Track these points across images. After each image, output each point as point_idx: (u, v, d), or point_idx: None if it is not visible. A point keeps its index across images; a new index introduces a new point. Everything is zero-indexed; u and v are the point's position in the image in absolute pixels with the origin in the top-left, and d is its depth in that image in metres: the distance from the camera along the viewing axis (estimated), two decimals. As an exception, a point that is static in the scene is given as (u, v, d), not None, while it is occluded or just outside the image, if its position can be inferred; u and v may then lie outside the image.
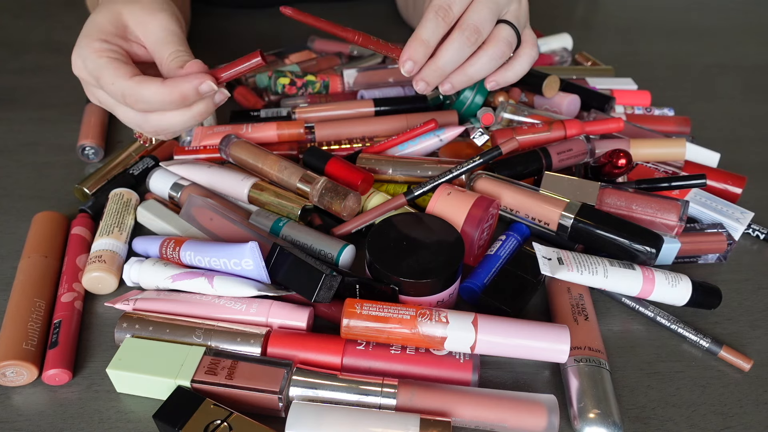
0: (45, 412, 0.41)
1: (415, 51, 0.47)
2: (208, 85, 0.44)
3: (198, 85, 0.44)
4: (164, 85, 0.43)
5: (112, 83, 0.44)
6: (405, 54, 0.47)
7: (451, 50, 0.47)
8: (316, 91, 0.69)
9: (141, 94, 0.43)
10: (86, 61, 0.45)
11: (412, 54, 0.47)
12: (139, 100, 0.44)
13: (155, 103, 0.44)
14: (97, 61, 0.44)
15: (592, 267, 0.45)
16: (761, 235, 0.56)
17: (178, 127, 0.47)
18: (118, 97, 0.44)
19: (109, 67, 0.44)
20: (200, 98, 0.45)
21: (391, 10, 0.96)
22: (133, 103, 0.44)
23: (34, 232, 0.52)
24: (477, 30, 0.47)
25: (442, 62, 0.47)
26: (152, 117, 0.46)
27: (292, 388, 0.40)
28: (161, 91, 0.43)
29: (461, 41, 0.47)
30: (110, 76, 0.44)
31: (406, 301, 0.44)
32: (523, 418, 0.39)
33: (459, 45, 0.47)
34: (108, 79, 0.44)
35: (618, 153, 0.53)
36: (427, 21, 0.47)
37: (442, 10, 0.47)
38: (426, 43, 0.47)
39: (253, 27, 0.90)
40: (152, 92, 0.43)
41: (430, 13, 0.47)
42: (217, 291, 0.44)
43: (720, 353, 0.45)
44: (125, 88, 0.43)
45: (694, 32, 0.95)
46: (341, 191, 0.51)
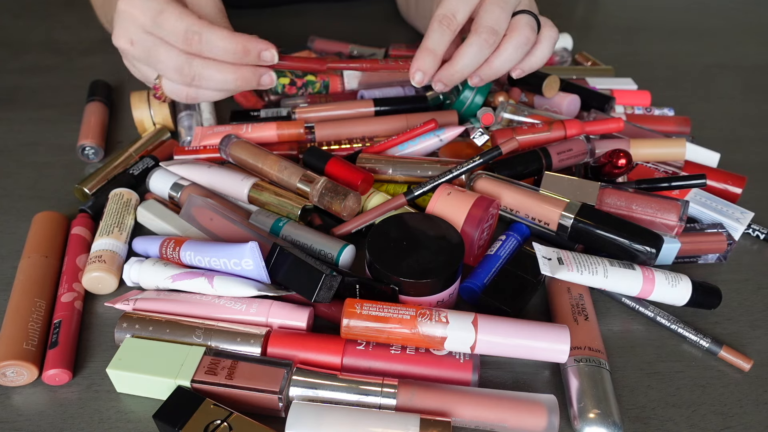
0: (45, 412, 0.41)
1: (423, 62, 0.48)
2: (271, 53, 0.46)
3: (264, 49, 0.45)
4: (232, 35, 0.44)
5: (178, 19, 0.44)
6: (414, 65, 0.49)
7: (470, 54, 0.48)
8: (316, 91, 0.70)
9: (208, 34, 0.44)
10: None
11: (420, 65, 0.48)
12: (202, 40, 0.44)
13: (216, 48, 0.45)
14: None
15: (592, 267, 0.45)
16: (761, 235, 0.56)
17: (213, 84, 0.47)
18: (178, 33, 0.44)
19: (173, 5, 0.44)
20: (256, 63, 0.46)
21: (391, 10, 0.96)
22: (194, 42, 0.44)
23: (34, 232, 0.52)
24: (493, 31, 0.47)
25: (461, 66, 0.48)
26: (196, 62, 0.46)
27: (292, 388, 0.40)
28: (228, 38, 0.44)
29: (479, 44, 0.47)
30: (176, 12, 0.44)
31: (406, 301, 0.44)
32: (523, 418, 0.39)
33: (477, 48, 0.48)
34: (172, 14, 0.44)
35: (618, 153, 0.53)
36: (432, 31, 0.48)
37: (446, 18, 0.48)
38: (433, 52, 0.48)
39: (253, 27, 0.90)
40: (219, 36, 0.44)
41: (434, 23, 0.48)
42: (217, 291, 0.44)
43: (720, 353, 0.45)
44: (192, 25, 0.44)
45: (694, 32, 0.95)
46: (341, 191, 0.51)
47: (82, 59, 0.82)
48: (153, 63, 0.47)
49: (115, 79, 0.76)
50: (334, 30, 0.87)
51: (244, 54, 0.45)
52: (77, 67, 0.80)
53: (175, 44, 0.45)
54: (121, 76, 0.76)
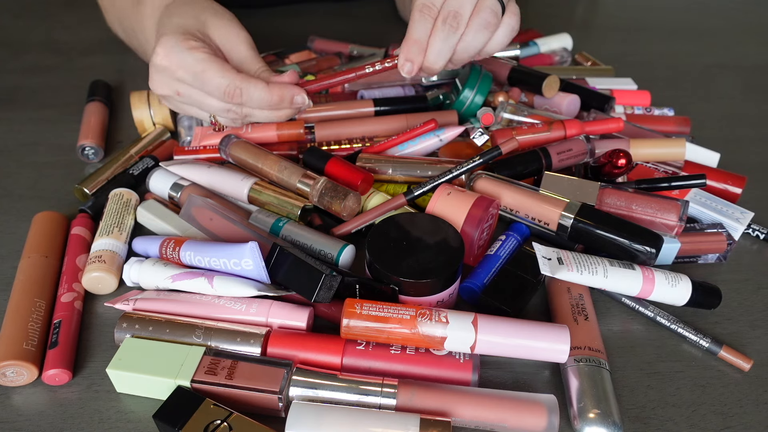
0: (45, 412, 0.41)
1: (409, 52, 0.49)
2: (302, 98, 0.52)
3: (295, 95, 0.51)
4: (268, 88, 0.50)
5: (221, 76, 0.49)
6: (402, 57, 0.50)
7: (438, 42, 0.49)
8: (316, 92, 0.69)
9: (247, 88, 0.49)
10: (184, 55, 0.49)
11: (408, 56, 0.50)
12: (243, 94, 0.50)
13: (255, 99, 0.50)
14: (196, 56, 0.49)
15: (592, 267, 0.45)
16: (761, 235, 0.56)
17: (262, 119, 0.54)
18: (221, 89, 0.49)
19: (214, 62, 0.49)
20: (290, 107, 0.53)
21: (391, 10, 0.96)
22: (235, 96, 0.50)
23: (34, 232, 0.52)
24: (456, 15, 0.48)
25: (433, 55, 0.49)
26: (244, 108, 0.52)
27: (292, 388, 0.40)
28: (265, 91, 0.50)
29: (444, 30, 0.48)
30: (217, 71, 0.49)
31: (406, 301, 0.44)
32: (523, 418, 0.39)
33: (443, 35, 0.49)
34: (214, 73, 0.49)
35: (618, 153, 0.53)
36: (414, 21, 0.49)
37: (426, 7, 0.49)
38: (418, 42, 0.49)
39: (253, 27, 0.89)
40: (258, 90, 0.50)
41: (415, 12, 0.49)
42: (217, 291, 0.44)
43: (720, 353, 0.45)
44: (234, 81, 0.49)
45: (694, 32, 0.95)
46: (341, 191, 0.51)
47: (82, 59, 0.82)
48: (204, 108, 0.53)
49: (115, 79, 0.76)
50: (334, 30, 0.87)
51: (280, 102, 0.51)
52: (77, 67, 0.80)
53: (219, 98, 0.51)
54: (121, 76, 0.76)
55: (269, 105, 0.51)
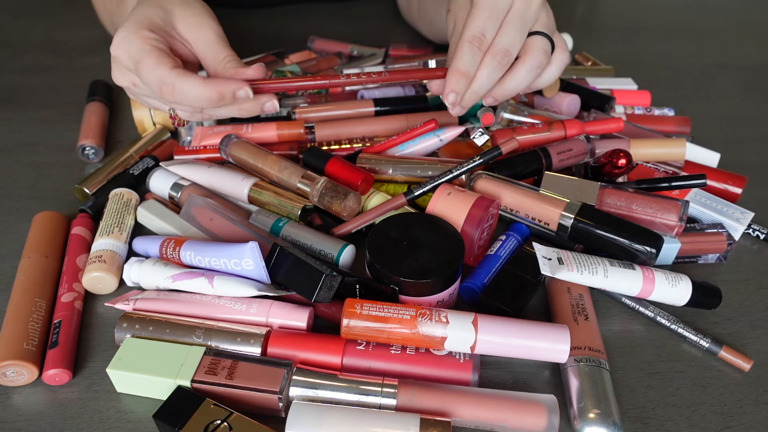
0: (45, 412, 0.41)
1: (456, 84, 0.49)
2: (245, 92, 0.47)
3: (236, 89, 0.47)
4: (204, 83, 0.46)
5: (153, 69, 0.46)
6: (448, 87, 0.49)
7: (484, 75, 0.49)
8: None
9: (180, 85, 0.46)
10: (131, 45, 0.47)
11: (454, 87, 0.49)
12: (174, 91, 0.46)
13: (191, 97, 0.46)
14: (141, 47, 0.47)
15: (592, 267, 0.45)
16: (761, 235, 0.56)
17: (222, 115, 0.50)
18: (154, 83, 0.46)
19: (151, 54, 0.46)
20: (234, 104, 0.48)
21: (391, 10, 0.96)
22: (167, 93, 0.46)
23: (34, 232, 0.52)
24: (507, 53, 0.48)
25: (477, 87, 0.49)
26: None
27: (292, 388, 0.40)
28: (200, 87, 0.46)
29: (493, 65, 0.48)
30: (152, 63, 0.46)
31: (406, 301, 0.44)
32: (523, 418, 0.39)
33: (491, 69, 0.48)
34: (148, 65, 0.46)
35: (618, 153, 0.53)
36: (463, 53, 0.48)
37: (476, 39, 0.48)
38: (466, 74, 0.49)
39: (253, 27, 0.90)
40: (192, 86, 0.46)
41: (464, 44, 0.48)
42: (217, 291, 0.44)
43: (720, 353, 0.45)
44: (165, 76, 0.46)
45: (694, 32, 0.95)
46: (341, 191, 0.51)
47: (82, 59, 0.82)
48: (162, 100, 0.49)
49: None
50: (334, 30, 0.87)
51: (220, 99, 0.46)
52: (77, 67, 0.80)
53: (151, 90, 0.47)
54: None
55: (208, 102, 0.47)
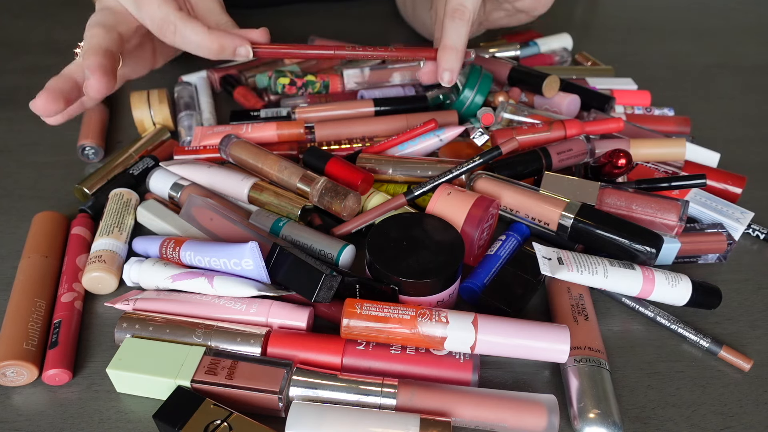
0: (45, 412, 0.41)
1: (448, 60, 0.48)
2: (246, 49, 0.47)
3: (238, 45, 0.47)
4: (208, 32, 0.46)
5: (158, 7, 0.46)
6: (441, 65, 0.49)
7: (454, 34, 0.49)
8: (316, 91, 0.70)
9: (183, 27, 0.46)
10: None
11: (446, 64, 0.49)
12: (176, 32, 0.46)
13: (190, 41, 0.46)
14: None
15: (592, 267, 0.45)
16: (761, 235, 0.56)
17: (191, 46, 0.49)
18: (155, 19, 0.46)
19: None
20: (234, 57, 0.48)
21: (391, 10, 0.96)
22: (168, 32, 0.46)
23: (34, 232, 0.52)
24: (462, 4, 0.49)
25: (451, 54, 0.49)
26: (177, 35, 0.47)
27: (292, 388, 0.40)
28: (203, 35, 0.46)
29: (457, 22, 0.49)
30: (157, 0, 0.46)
31: (406, 301, 0.44)
32: (523, 418, 0.39)
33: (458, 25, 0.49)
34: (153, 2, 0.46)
35: (618, 153, 0.53)
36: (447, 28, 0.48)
37: (458, 11, 0.48)
38: (454, 48, 0.48)
39: (253, 27, 0.90)
40: (195, 32, 0.46)
41: (446, 19, 0.48)
42: (217, 291, 0.44)
43: (720, 353, 0.45)
44: (170, 15, 0.46)
45: (694, 32, 0.95)
46: (341, 191, 0.51)
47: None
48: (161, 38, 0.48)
49: (115, 79, 0.76)
50: (334, 30, 0.87)
51: (220, 51, 0.47)
52: (77, 67, 0.80)
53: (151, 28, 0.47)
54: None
55: (208, 52, 0.47)
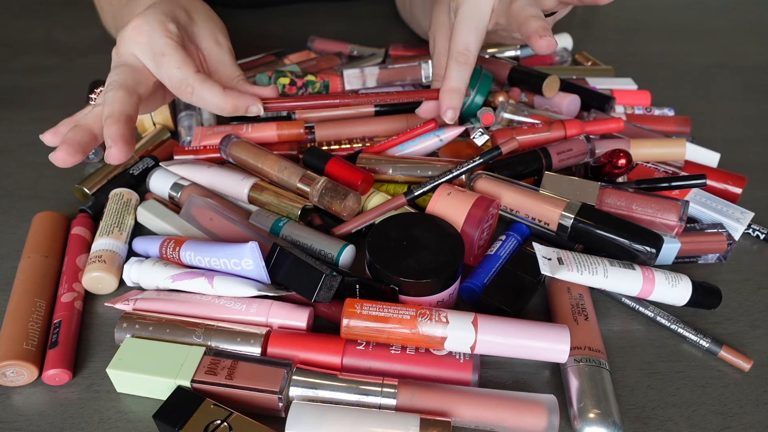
0: (45, 412, 0.41)
1: (451, 101, 0.53)
2: (257, 108, 0.51)
3: (250, 105, 0.50)
4: (224, 95, 0.49)
5: (177, 68, 0.48)
6: (443, 105, 0.54)
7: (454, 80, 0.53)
8: (316, 91, 0.69)
9: (200, 90, 0.48)
10: (154, 33, 0.48)
11: (450, 104, 0.53)
12: (194, 93, 0.48)
13: (207, 102, 0.49)
14: (163, 39, 0.48)
15: (592, 267, 0.45)
16: (761, 235, 0.56)
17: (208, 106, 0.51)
18: (174, 80, 0.48)
19: (177, 51, 0.48)
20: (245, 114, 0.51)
21: (391, 10, 0.96)
22: (185, 93, 0.48)
23: (34, 232, 0.52)
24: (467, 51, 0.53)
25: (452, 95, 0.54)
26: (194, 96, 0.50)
27: (292, 388, 0.40)
28: (219, 97, 0.49)
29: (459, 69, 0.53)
30: (177, 61, 0.48)
31: (406, 301, 0.44)
32: (523, 418, 0.39)
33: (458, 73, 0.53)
34: (172, 62, 0.48)
35: (618, 153, 0.53)
36: (451, 70, 0.52)
37: (462, 55, 0.52)
38: (458, 90, 0.53)
39: (253, 27, 0.90)
40: (211, 94, 0.48)
41: (451, 62, 0.52)
42: (217, 291, 0.44)
43: (720, 353, 0.45)
44: (189, 77, 0.48)
45: (694, 32, 0.95)
46: (341, 191, 0.51)
47: (82, 59, 0.82)
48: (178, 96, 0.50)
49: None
50: (334, 30, 0.87)
51: (233, 111, 0.49)
52: (77, 67, 0.80)
53: (169, 86, 0.49)
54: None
55: (222, 111, 0.50)
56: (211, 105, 0.49)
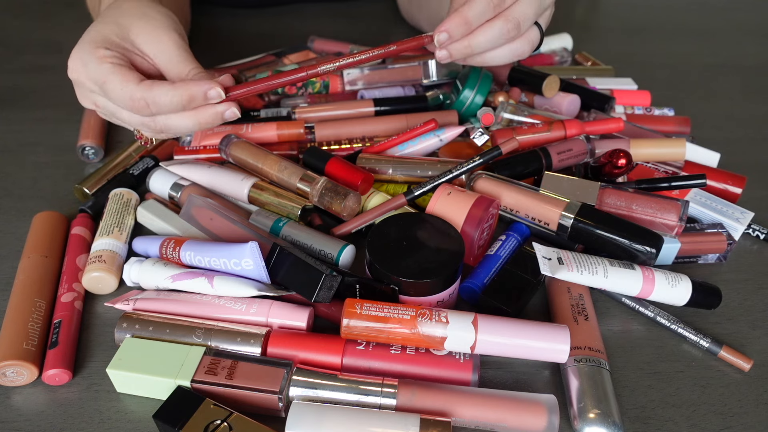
0: (45, 412, 0.41)
1: (455, 28, 0.46)
2: (216, 91, 0.45)
3: (207, 89, 0.45)
4: (174, 87, 0.44)
5: (121, 89, 0.45)
6: (444, 26, 0.46)
7: (489, 36, 0.46)
8: (316, 91, 0.70)
9: (151, 96, 0.44)
10: (88, 66, 0.45)
11: (451, 29, 0.46)
12: (149, 103, 0.45)
13: (164, 104, 0.45)
14: (100, 67, 0.45)
15: (592, 267, 0.45)
16: (761, 235, 0.56)
17: (181, 130, 0.48)
18: (125, 101, 0.45)
19: (115, 72, 0.45)
20: (207, 103, 0.46)
21: (391, 10, 0.96)
22: (142, 107, 0.45)
23: (34, 232, 0.52)
24: (519, 26, 0.46)
25: (476, 43, 0.47)
26: (158, 119, 0.47)
27: (292, 388, 0.40)
28: (171, 92, 0.44)
29: (502, 32, 0.46)
30: (118, 82, 0.45)
31: (406, 301, 0.44)
32: (523, 418, 0.39)
33: (498, 34, 0.46)
34: (115, 85, 0.45)
35: (618, 153, 0.53)
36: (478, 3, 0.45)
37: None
38: (469, 23, 0.46)
39: (253, 27, 0.90)
40: (163, 94, 0.44)
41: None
42: (217, 291, 0.44)
43: (720, 353, 0.45)
44: (134, 92, 0.44)
45: (694, 32, 0.95)
46: (341, 191, 0.51)
47: (82, 59, 0.82)
48: (121, 121, 0.48)
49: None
50: (334, 30, 0.87)
51: (191, 101, 0.45)
52: (77, 67, 0.80)
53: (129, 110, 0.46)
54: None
55: (181, 106, 0.45)
56: (169, 105, 0.45)
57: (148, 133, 0.50)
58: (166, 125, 0.47)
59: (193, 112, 0.47)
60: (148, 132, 0.49)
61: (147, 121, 0.47)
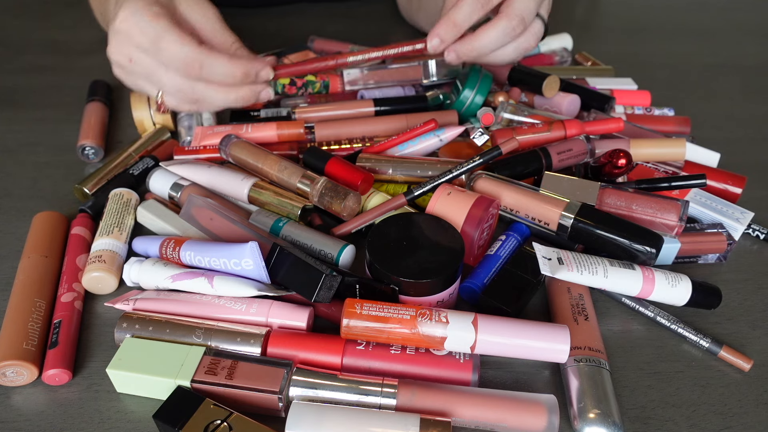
0: (45, 412, 0.41)
1: (445, 32, 0.48)
2: (267, 72, 0.48)
3: (261, 69, 0.47)
4: (231, 61, 0.46)
5: (180, 47, 0.46)
6: (435, 31, 0.48)
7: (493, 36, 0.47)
8: (316, 91, 0.69)
9: (209, 61, 0.46)
10: (142, 20, 0.46)
11: (441, 34, 0.48)
12: (203, 66, 0.46)
13: (217, 74, 0.46)
14: (156, 23, 0.46)
15: (592, 267, 0.45)
16: (761, 235, 0.56)
17: (215, 103, 0.49)
18: (178, 60, 0.46)
19: (172, 31, 0.46)
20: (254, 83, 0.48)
21: (391, 10, 0.96)
22: (194, 70, 0.46)
23: (34, 232, 0.52)
24: (523, 21, 0.47)
25: (480, 45, 0.48)
26: (199, 86, 0.48)
27: (292, 388, 0.40)
28: (229, 64, 0.46)
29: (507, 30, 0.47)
30: (175, 40, 0.46)
31: (406, 301, 0.44)
32: (523, 418, 0.39)
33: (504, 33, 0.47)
34: (172, 43, 0.46)
35: (618, 153, 0.53)
36: (464, 5, 0.47)
37: None
38: (458, 26, 0.47)
39: (254, 27, 0.90)
40: (220, 63, 0.46)
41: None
42: (217, 291, 0.44)
43: (720, 353, 0.45)
44: (192, 53, 0.46)
45: (694, 32, 0.95)
46: (341, 191, 0.51)
47: (82, 59, 0.82)
48: (154, 82, 0.49)
49: (115, 79, 0.76)
50: (334, 30, 0.87)
51: (244, 77, 0.47)
52: (77, 67, 0.80)
53: (176, 71, 0.47)
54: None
55: (233, 80, 0.47)
56: (222, 75, 0.46)
57: (174, 101, 0.50)
58: (203, 96, 0.48)
59: (234, 88, 0.48)
60: (175, 100, 0.50)
61: (186, 87, 0.48)
